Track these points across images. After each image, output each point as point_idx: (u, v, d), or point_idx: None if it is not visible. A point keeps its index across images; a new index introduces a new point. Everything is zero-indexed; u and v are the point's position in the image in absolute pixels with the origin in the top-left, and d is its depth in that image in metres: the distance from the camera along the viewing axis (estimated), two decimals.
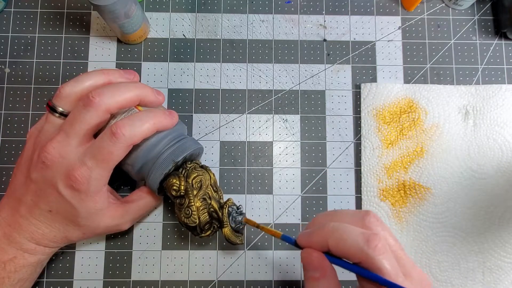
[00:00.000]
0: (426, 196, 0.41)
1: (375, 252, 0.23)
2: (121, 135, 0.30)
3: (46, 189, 0.31)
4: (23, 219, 0.32)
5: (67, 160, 0.31)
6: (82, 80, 0.32)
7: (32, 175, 0.31)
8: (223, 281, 0.40)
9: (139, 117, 0.32)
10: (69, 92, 0.32)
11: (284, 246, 0.40)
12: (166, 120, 0.33)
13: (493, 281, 0.40)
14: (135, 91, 0.32)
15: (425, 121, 0.42)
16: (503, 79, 0.44)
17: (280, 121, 0.43)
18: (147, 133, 0.32)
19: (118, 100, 0.31)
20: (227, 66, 0.43)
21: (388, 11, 0.45)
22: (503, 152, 0.42)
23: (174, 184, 0.34)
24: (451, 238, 0.40)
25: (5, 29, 0.43)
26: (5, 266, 0.32)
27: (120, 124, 0.30)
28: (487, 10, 0.45)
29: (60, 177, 0.31)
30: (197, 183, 0.35)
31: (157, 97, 0.34)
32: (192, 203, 0.34)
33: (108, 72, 0.33)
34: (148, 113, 0.32)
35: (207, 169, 0.37)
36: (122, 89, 0.32)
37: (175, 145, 0.35)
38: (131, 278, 0.39)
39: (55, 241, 0.34)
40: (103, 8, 0.35)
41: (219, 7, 0.45)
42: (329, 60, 0.44)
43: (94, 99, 0.30)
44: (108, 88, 0.31)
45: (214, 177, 0.37)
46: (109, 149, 0.30)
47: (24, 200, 0.32)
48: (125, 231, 0.40)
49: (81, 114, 0.30)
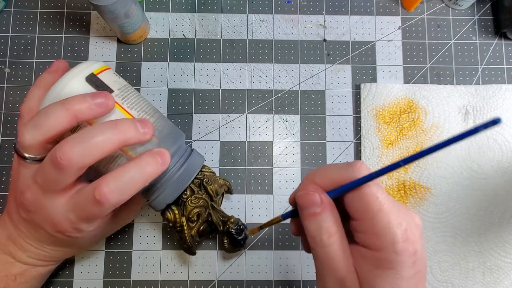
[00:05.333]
0: (426, 196, 0.41)
1: (355, 168, 0.23)
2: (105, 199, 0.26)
3: (37, 228, 0.30)
4: (24, 242, 0.31)
5: (48, 210, 0.28)
6: (41, 125, 0.26)
7: (21, 213, 0.30)
8: (223, 281, 0.39)
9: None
10: (30, 142, 0.27)
11: (284, 246, 0.40)
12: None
13: (493, 281, 0.40)
14: (113, 138, 0.26)
15: (425, 121, 0.42)
16: (503, 79, 0.44)
17: (280, 121, 0.43)
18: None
19: (94, 156, 0.26)
20: (227, 66, 0.43)
21: (388, 11, 0.45)
22: (503, 152, 0.42)
23: (170, 219, 0.33)
24: (451, 238, 0.40)
25: (5, 29, 0.43)
26: (16, 278, 0.31)
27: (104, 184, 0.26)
28: (487, 10, 0.45)
29: (47, 224, 0.29)
30: (194, 215, 0.33)
31: (143, 135, 0.28)
32: (186, 236, 0.33)
33: (72, 106, 0.26)
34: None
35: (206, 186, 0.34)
36: (96, 139, 0.26)
37: (184, 165, 0.32)
38: (131, 278, 0.39)
39: (61, 259, 0.35)
40: (103, 8, 0.35)
41: (219, 7, 0.45)
42: (329, 60, 0.44)
43: (62, 161, 0.25)
44: (78, 141, 0.26)
45: (216, 185, 0.35)
46: (91, 209, 0.27)
47: (20, 228, 0.30)
48: (125, 231, 0.40)
49: (52, 175, 0.26)
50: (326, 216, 0.23)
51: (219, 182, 0.36)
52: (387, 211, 0.22)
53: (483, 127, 0.18)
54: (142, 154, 0.28)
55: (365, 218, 0.22)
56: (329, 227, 0.23)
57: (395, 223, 0.22)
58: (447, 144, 0.20)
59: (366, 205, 0.22)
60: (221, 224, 0.35)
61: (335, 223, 0.23)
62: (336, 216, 0.24)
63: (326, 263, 0.23)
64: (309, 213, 0.24)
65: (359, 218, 0.23)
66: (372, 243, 0.22)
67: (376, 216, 0.22)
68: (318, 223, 0.23)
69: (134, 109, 0.30)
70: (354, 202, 0.23)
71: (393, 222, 0.22)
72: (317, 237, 0.23)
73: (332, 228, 0.23)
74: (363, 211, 0.23)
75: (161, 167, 0.28)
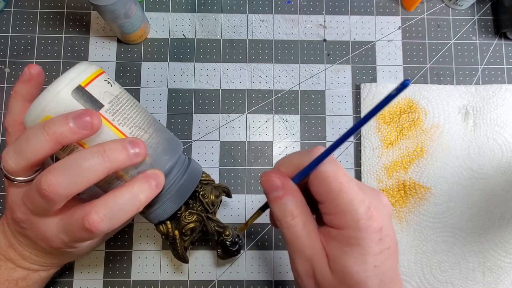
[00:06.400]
0: (426, 196, 0.41)
1: (314, 151, 0.24)
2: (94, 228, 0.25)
3: (32, 242, 0.29)
4: (24, 250, 0.31)
5: (41, 230, 0.27)
6: (23, 151, 0.25)
7: (15, 227, 0.29)
8: (223, 281, 0.39)
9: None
10: (14, 168, 0.26)
11: (284, 246, 0.40)
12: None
13: (493, 281, 0.40)
14: (101, 165, 0.25)
15: (425, 121, 0.42)
16: (503, 79, 0.44)
17: (280, 121, 0.43)
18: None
19: (81, 185, 0.25)
20: (227, 66, 0.43)
21: (388, 11, 0.45)
22: (503, 152, 0.41)
23: (162, 232, 0.32)
24: (451, 238, 0.40)
25: (5, 29, 0.43)
26: (18, 282, 0.31)
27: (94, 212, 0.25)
28: (487, 10, 0.45)
29: (40, 241, 0.28)
30: (188, 230, 0.32)
31: (134, 157, 0.26)
32: (179, 248, 0.33)
33: (53, 130, 0.24)
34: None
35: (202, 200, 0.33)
36: (82, 167, 0.24)
37: (183, 178, 0.30)
38: (131, 278, 0.39)
39: (62, 264, 0.35)
40: (103, 8, 0.35)
41: (219, 7, 0.45)
42: (329, 60, 0.44)
43: (47, 193, 0.24)
44: (63, 170, 0.24)
45: (212, 196, 0.33)
46: (82, 235, 0.26)
47: (18, 238, 0.30)
48: (125, 231, 0.40)
49: (39, 203, 0.25)
50: (288, 199, 0.24)
51: (216, 192, 0.34)
52: (348, 190, 0.23)
53: (395, 91, 0.20)
54: (135, 178, 0.26)
55: (328, 200, 0.23)
56: (292, 210, 0.24)
57: (356, 201, 0.23)
58: (372, 114, 0.22)
59: (327, 187, 0.23)
60: (216, 235, 0.34)
61: (297, 206, 0.24)
62: (299, 199, 0.25)
63: (292, 243, 0.24)
64: (273, 196, 0.25)
65: (323, 201, 0.24)
66: (338, 223, 0.23)
67: (338, 196, 0.23)
68: (282, 206, 0.24)
69: (126, 125, 0.27)
70: (316, 186, 0.24)
71: (355, 200, 0.23)
72: (282, 219, 0.24)
73: (295, 211, 0.24)
74: (325, 193, 0.23)
75: (155, 190, 0.27)
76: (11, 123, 0.29)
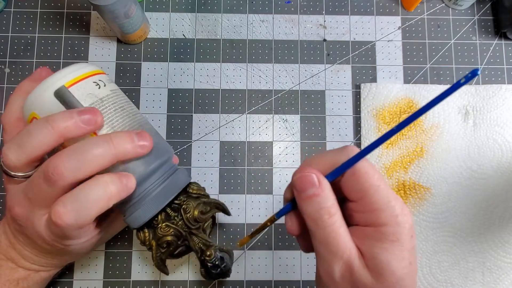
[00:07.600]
0: (426, 196, 0.41)
1: (348, 150, 0.23)
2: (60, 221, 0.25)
3: (31, 241, 0.30)
4: (24, 250, 0.31)
5: (36, 226, 0.27)
6: (25, 145, 0.25)
7: (14, 225, 0.29)
8: (223, 281, 0.39)
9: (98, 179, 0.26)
10: (15, 163, 0.26)
11: (284, 246, 0.40)
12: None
13: (493, 281, 0.40)
14: (108, 153, 0.25)
15: (425, 121, 0.42)
16: (503, 79, 0.44)
17: (280, 121, 0.43)
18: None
19: (86, 171, 0.25)
20: (227, 66, 0.43)
21: (388, 11, 0.45)
22: (503, 152, 0.42)
23: (141, 240, 0.31)
24: (451, 238, 0.40)
25: (5, 29, 0.43)
26: (18, 283, 0.31)
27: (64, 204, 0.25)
28: (487, 10, 0.45)
29: (36, 238, 0.28)
30: (164, 243, 0.31)
31: (140, 148, 0.27)
32: (154, 259, 0.32)
33: (57, 124, 0.25)
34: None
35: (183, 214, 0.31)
36: (90, 154, 0.25)
37: (164, 183, 0.29)
38: (131, 278, 0.39)
39: (62, 264, 0.34)
40: (103, 8, 0.35)
41: (219, 7, 0.45)
42: (329, 60, 0.44)
43: (53, 176, 0.24)
44: (71, 155, 0.25)
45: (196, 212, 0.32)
46: (55, 230, 0.26)
47: (18, 238, 0.30)
48: (125, 231, 0.40)
49: (42, 189, 0.25)
50: (325, 196, 0.23)
51: (203, 207, 0.32)
52: (384, 187, 0.23)
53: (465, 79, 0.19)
54: (105, 173, 0.26)
55: (364, 197, 0.23)
56: (329, 207, 0.23)
57: (392, 198, 0.22)
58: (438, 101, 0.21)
59: (365, 185, 0.23)
60: (200, 252, 0.32)
61: (334, 203, 0.23)
62: (333, 196, 0.24)
63: (330, 244, 0.23)
64: (308, 195, 0.23)
65: (358, 198, 0.23)
66: (375, 220, 0.22)
67: (375, 193, 0.22)
68: (318, 204, 0.23)
69: (103, 128, 0.27)
70: (351, 184, 0.23)
71: (391, 197, 0.22)
72: (318, 218, 0.23)
73: (332, 209, 0.23)
74: (361, 191, 0.23)
75: (126, 188, 0.26)
76: (8, 119, 0.29)
